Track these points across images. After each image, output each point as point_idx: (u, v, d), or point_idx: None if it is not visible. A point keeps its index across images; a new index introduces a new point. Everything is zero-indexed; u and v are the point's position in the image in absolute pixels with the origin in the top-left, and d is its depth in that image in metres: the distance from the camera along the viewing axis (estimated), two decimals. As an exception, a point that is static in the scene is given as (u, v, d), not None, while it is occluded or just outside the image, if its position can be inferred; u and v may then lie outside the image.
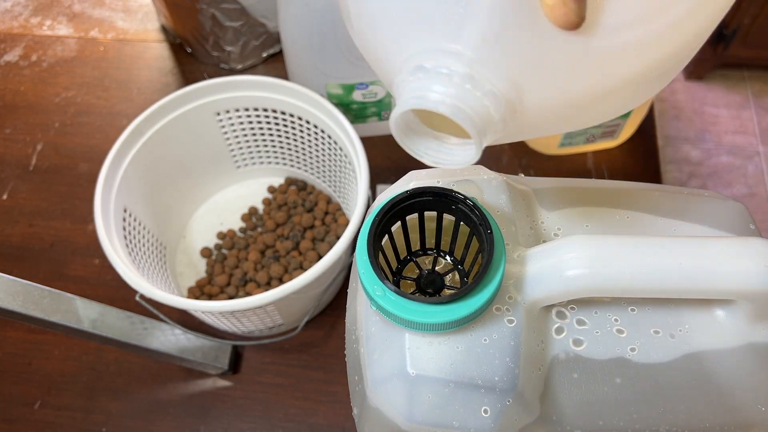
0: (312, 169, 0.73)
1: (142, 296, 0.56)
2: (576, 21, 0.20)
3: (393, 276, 0.31)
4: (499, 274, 0.27)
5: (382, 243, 0.29)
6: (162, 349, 0.56)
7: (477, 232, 0.28)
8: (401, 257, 0.31)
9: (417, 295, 0.27)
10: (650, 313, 0.31)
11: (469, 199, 0.28)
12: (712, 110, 1.72)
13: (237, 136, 0.71)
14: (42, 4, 0.95)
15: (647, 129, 0.80)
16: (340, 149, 0.64)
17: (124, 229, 0.60)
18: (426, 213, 0.30)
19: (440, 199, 0.29)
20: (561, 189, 0.35)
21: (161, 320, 0.58)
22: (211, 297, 0.68)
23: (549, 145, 0.77)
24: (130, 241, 0.60)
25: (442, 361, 0.27)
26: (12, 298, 0.45)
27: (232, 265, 0.69)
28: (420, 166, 0.28)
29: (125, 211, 0.61)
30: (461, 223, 0.29)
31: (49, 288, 0.48)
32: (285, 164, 0.75)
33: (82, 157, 0.80)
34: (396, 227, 0.30)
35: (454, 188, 0.29)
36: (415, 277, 0.31)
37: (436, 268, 0.31)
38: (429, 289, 0.30)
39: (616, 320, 0.31)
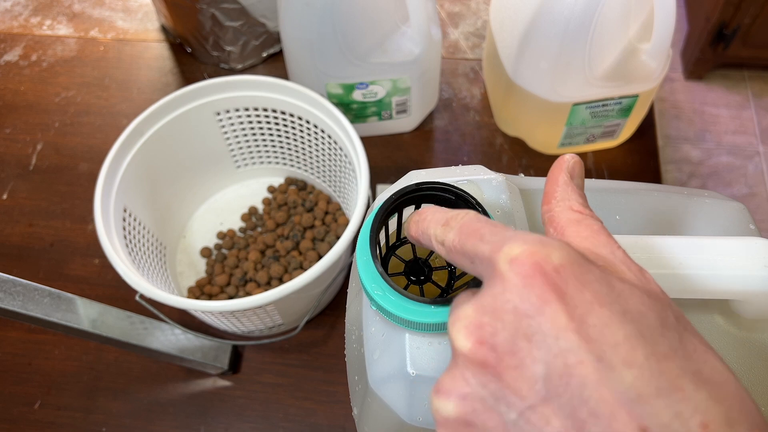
0: (312, 169, 0.73)
1: (142, 296, 0.56)
2: None
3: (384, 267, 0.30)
4: None
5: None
6: (162, 349, 0.56)
7: None
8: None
9: (410, 286, 0.27)
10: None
11: (475, 198, 0.28)
12: (712, 110, 1.72)
13: (237, 136, 0.71)
14: (42, 4, 0.95)
15: (647, 129, 0.80)
16: (340, 149, 0.64)
17: (124, 228, 0.60)
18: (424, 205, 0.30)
19: (444, 194, 0.29)
20: (561, 189, 0.35)
21: (161, 320, 0.58)
22: (211, 297, 0.68)
23: (549, 144, 0.77)
24: (130, 241, 0.60)
25: (442, 361, 0.27)
26: (12, 298, 0.45)
27: (232, 265, 0.69)
28: (419, 166, 0.28)
29: (125, 210, 0.61)
30: None
31: (49, 288, 0.48)
32: (285, 164, 0.75)
33: (82, 157, 0.80)
34: (392, 230, 0.30)
35: None
36: (403, 264, 0.30)
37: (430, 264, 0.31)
38: (418, 275, 0.30)
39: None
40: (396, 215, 0.30)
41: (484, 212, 0.28)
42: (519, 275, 0.18)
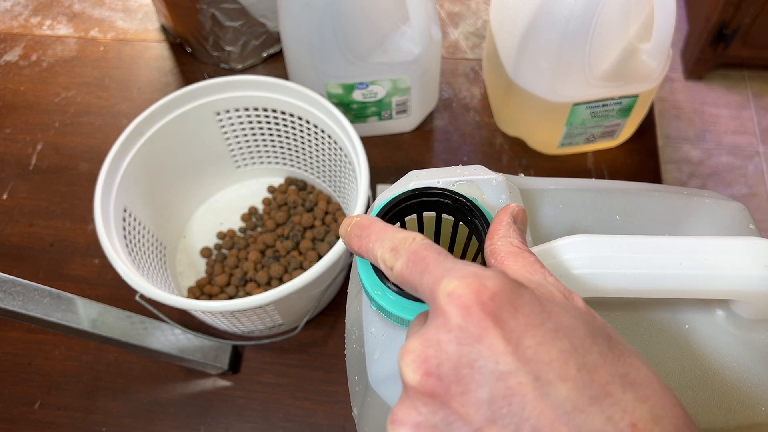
0: (312, 169, 0.73)
1: (142, 296, 0.56)
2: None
3: None
4: None
5: None
6: (162, 349, 0.56)
7: (477, 233, 0.28)
8: None
9: None
10: (650, 312, 0.31)
11: (470, 200, 0.28)
12: (712, 110, 1.72)
13: (237, 136, 0.71)
14: (42, 3, 0.95)
15: (647, 129, 0.80)
16: (340, 149, 0.64)
17: (124, 228, 0.60)
18: (425, 213, 0.30)
19: (441, 199, 0.29)
20: (561, 189, 0.35)
21: (161, 320, 0.58)
22: (211, 297, 0.68)
23: (549, 144, 0.77)
24: (130, 241, 0.60)
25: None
26: (12, 298, 0.45)
27: (232, 265, 0.69)
28: (419, 166, 0.28)
29: (125, 210, 0.61)
30: (460, 222, 0.29)
31: (49, 288, 0.48)
32: (285, 164, 0.75)
33: (82, 157, 0.80)
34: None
35: (454, 188, 0.29)
36: None
37: None
38: None
39: (615, 320, 0.31)
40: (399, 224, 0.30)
41: (481, 214, 0.28)
42: (457, 307, 0.20)
